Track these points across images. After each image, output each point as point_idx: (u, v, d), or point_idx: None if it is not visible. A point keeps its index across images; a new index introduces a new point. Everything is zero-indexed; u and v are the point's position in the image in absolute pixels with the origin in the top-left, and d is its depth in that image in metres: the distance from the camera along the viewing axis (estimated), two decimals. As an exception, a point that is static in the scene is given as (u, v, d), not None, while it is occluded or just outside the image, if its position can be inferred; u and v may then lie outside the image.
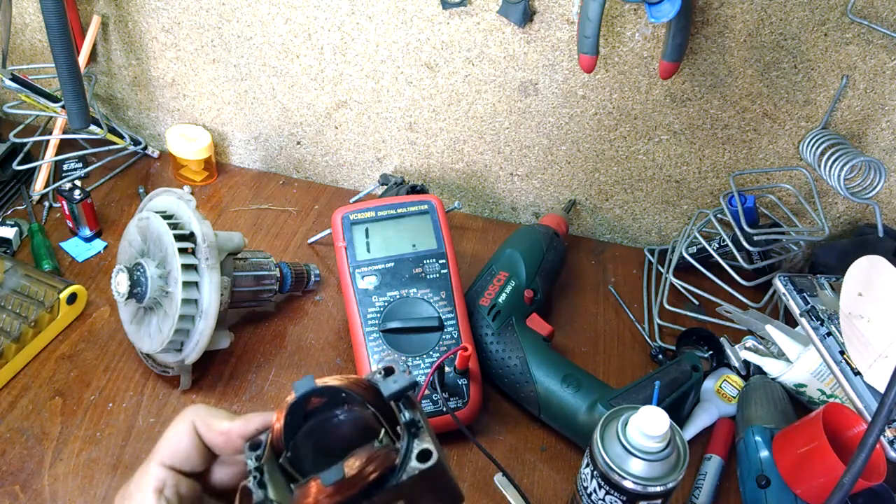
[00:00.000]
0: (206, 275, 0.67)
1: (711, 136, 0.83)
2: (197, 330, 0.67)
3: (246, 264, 0.75)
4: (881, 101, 0.77)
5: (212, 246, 0.67)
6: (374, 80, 0.88)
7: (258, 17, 0.86)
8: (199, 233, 0.67)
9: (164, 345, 0.67)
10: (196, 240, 0.67)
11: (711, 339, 0.78)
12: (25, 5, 0.94)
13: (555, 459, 0.70)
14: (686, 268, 0.86)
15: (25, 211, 0.89)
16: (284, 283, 0.79)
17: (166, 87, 0.96)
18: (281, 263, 0.79)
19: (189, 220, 0.69)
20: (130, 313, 0.72)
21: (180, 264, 0.65)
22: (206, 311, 0.67)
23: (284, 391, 0.73)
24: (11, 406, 0.69)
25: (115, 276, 0.68)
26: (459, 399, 0.67)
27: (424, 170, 0.95)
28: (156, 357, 0.72)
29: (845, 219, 0.87)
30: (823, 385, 0.70)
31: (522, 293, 0.75)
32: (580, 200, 0.93)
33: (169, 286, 0.67)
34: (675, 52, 0.73)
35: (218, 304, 0.67)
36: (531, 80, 0.83)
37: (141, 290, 0.67)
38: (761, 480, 0.64)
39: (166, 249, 0.67)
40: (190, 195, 0.72)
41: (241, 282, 0.74)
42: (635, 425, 0.53)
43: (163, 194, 0.73)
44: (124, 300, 0.68)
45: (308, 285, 0.83)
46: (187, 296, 0.66)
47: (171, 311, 0.66)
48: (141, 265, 0.68)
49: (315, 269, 0.83)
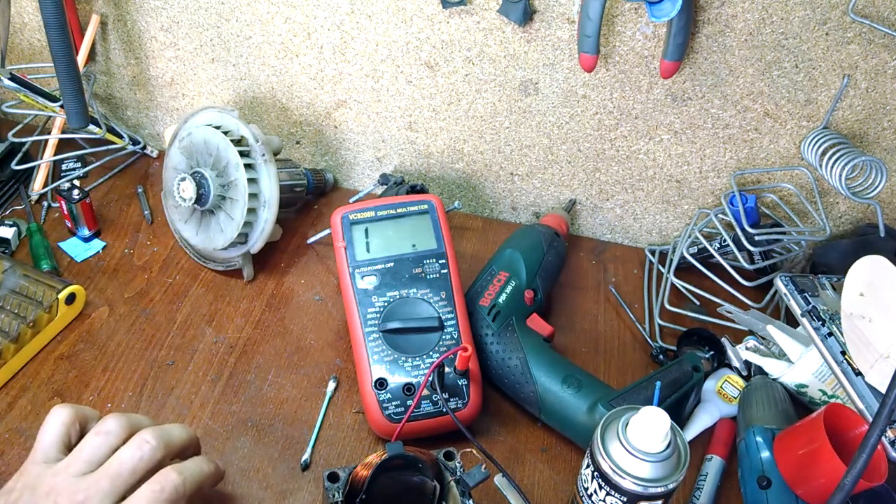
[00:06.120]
0: (263, 169, 0.77)
1: (712, 136, 0.83)
2: (261, 220, 0.78)
3: (282, 163, 0.87)
4: (882, 100, 0.77)
5: (264, 143, 0.77)
6: (373, 79, 0.87)
7: (257, 16, 0.86)
8: (249, 135, 0.78)
9: (234, 239, 0.77)
10: (248, 142, 0.77)
11: (712, 339, 0.77)
12: (24, 4, 0.94)
13: (555, 460, 0.69)
14: (687, 268, 0.85)
15: (24, 211, 0.89)
16: (309, 183, 0.91)
17: (165, 86, 0.96)
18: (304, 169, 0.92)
19: (237, 126, 0.78)
20: (187, 218, 0.82)
21: (242, 164, 0.75)
22: (268, 201, 0.77)
23: (284, 391, 0.72)
24: (10, 406, 0.69)
25: (176, 186, 0.78)
26: (459, 399, 0.67)
27: (424, 169, 0.95)
28: (217, 255, 0.82)
29: (847, 219, 0.87)
30: (825, 385, 0.70)
31: (523, 293, 0.75)
32: (580, 200, 0.93)
33: (229, 187, 0.77)
34: (676, 51, 0.73)
35: (278, 193, 0.78)
36: (531, 80, 0.83)
37: (205, 192, 0.77)
38: (762, 481, 0.64)
39: (222, 153, 0.76)
40: (231, 107, 0.83)
41: (282, 176, 0.84)
42: (636, 426, 0.53)
43: (201, 112, 0.82)
44: (190, 205, 0.78)
45: (326, 188, 0.96)
46: (251, 190, 0.76)
47: (239, 206, 0.76)
48: (199, 172, 0.77)
49: (329, 173, 0.96)
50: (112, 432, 0.53)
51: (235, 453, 0.67)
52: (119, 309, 0.79)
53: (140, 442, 0.52)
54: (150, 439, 0.52)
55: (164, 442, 0.53)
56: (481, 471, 0.55)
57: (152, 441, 0.52)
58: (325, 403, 0.72)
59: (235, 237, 0.78)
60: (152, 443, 0.52)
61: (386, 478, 0.54)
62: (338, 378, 0.74)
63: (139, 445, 0.52)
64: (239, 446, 0.68)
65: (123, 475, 0.50)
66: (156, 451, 0.52)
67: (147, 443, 0.52)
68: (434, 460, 0.56)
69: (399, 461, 0.55)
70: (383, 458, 0.54)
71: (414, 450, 0.56)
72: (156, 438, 0.52)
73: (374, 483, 0.53)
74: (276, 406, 0.71)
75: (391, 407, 0.66)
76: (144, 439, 0.52)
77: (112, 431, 0.53)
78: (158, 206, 0.91)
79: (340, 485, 0.55)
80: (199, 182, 0.77)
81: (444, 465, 0.56)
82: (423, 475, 0.55)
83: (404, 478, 0.55)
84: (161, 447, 0.53)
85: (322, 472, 0.57)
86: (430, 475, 0.55)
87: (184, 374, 0.73)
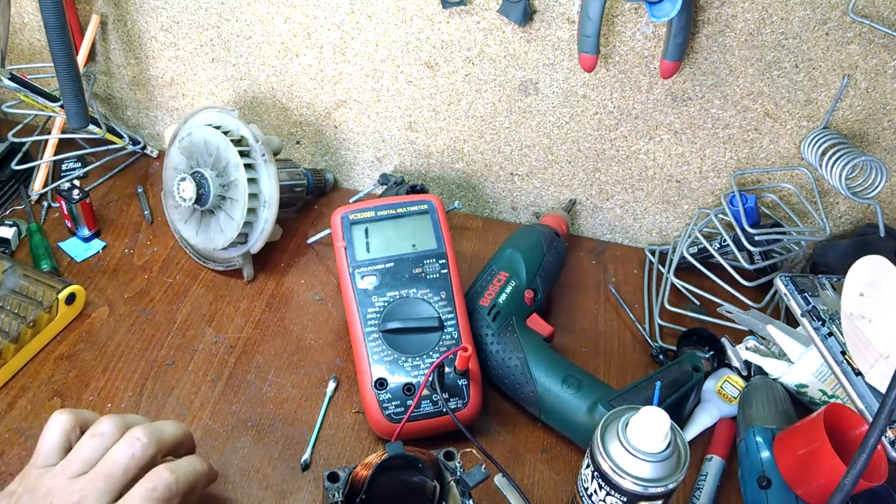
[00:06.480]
0: (263, 169, 0.77)
1: (712, 136, 0.83)
2: (261, 220, 0.78)
3: (282, 163, 0.86)
4: (882, 100, 0.77)
5: (264, 143, 0.77)
6: (373, 79, 0.87)
7: (257, 16, 0.86)
8: (249, 135, 0.78)
9: (234, 239, 0.77)
10: (248, 142, 0.77)
11: (712, 339, 0.77)
12: (24, 4, 0.94)
13: (555, 460, 0.69)
14: (687, 268, 0.85)
15: (24, 211, 0.89)
16: (309, 183, 0.91)
17: (165, 86, 0.96)
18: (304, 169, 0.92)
19: (237, 126, 0.78)
20: (187, 218, 0.82)
21: (242, 164, 0.75)
22: (268, 201, 0.77)
23: (284, 391, 0.72)
24: (10, 406, 0.69)
25: (176, 186, 0.78)
26: (459, 399, 0.67)
27: (424, 169, 0.95)
28: (217, 255, 0.81)
29: (847, 219, 0.87)
30: (825, 385, 0.70)
31: (523, 293, 0.75)
32: (580, 200, 0.93)
33: (229, 187, 0.77)
34: (676, 51, 0.73)
35: (278, 193, 0.78)
36: (531, 80, 0.83)
37: (205, 192, 0.77)
38: (762, 481, 0.64)
39: (222, 153, 0.76)
40: (231, 107, 0.82)
41: (282, 176, 0.84)
42: (636, 426, 0.53)
43: (201, 112, 0.81)
44: (190, 205, 0.78)
45: (326, 188, 0.96)
46: (251, 190, 0.76)
47: (239, 206, 0.76)
48: (199, 172, 0.77)
49: (328, 173, 0.96)
50: (107, 434, 0.53)
51: (235, 453, 0.67)
52: (119, 309, 0.79)
53: (131, 440, 0.52)
54: (140, 436, 0.52)
55: (155, 438, 0.53)
56: (481, 471, 0.55)
57: (143, 438, 0.52)
58: (325, 403, 0.72)
59: (235, 237, 0.78)
60: (143, 440, 0.52)
61: (386, 478, 0.54)
62: (338, 378, 0.74)
63: (130, 443, 0.52)
64: (239, 446, 0.68)
65: (116, 474, 0.51)
66: (147, 448, 0.52)
67: (138, 440, 0.52)
68: (434, 460, 0.56)
69: (399, 461, 0.55)
70: (383, 458, 0.54)
71: (414, 450, 0.56)
72: (147, 435, 0.53)
73: (374, 483, 0.53)
74: (276, 406, 0.71)
75: (391, 407, 0.66)
76: (136, 437, 0.52)
77: (107, 433, 0.53)
78: (158, 206, 0.91)
79: (340, 485, 0.55)
80: (199, 182, 0.77)
81: (444, 465, 0.56)
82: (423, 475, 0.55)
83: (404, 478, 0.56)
84: (152, 443, 0.53)
85: (322, 472, 0.57)
86: (430, 475, 0.55)
87: (184, 374, 0.73)
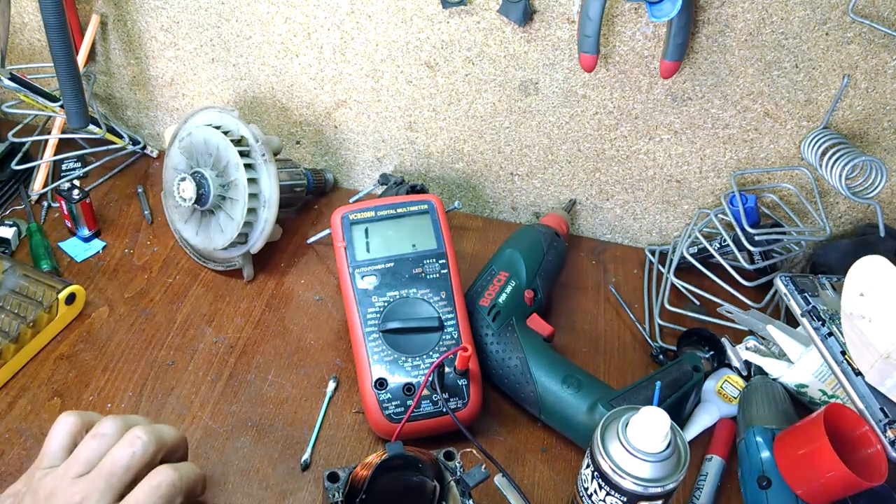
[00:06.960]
0: (263, 168, 0.77)
1: (712, 136, 0.83)
2: (261, 220, 0.78)
3: (282, 163, 0.86)
4: (882, 100, 0.77)
5: (264, 143, 0.77)
6: (373, 79, 0.87)
7: (257, 16, 0.86)
8: (249, 135, 0.78)
9: (234, 239, 0.77)
10: (248, 142, 0.77)
11: (712, 339, 0.77)
12: (24, 4, 0.94)
13: (555, 460, 0.69)
14: (687, 268, 0.85)
15: (24, 211, 0.89)
16: (309, 183, 0.91)
17: (165, 86, 0.96)
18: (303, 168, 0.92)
19: (237, 126, 0.78)
20: (187, 218, 0.82)
21: (242, 164, 0.75)
22: (269, 201, 0.77)
23: (284, 391, 0.72)
24: (10, 407, 0.69)
25: (176, 186, 0.78)
26: (459, 399, 0.67)
27: (424, 169, 0.95)
28: (217, 255, 0.81)
29: (847, 219, 0.87)
30: (825, 385, 0.70)
31: (523, 293, 0.75)
32: (580, 200, 0.93)
33: (229, 187, 0.77)
34: (676, 51, 0.73)
35: (278, 193, 0.78)
36: (531, 80, 0.83)
37: (205, 192, 0.77)
38: (762, 481, 0.64)
39: (222, 153, 0.76)
40: (231, 107, 0.82)
41: (282, 176, 0.84)
42: (636, 426, 0.53)
43: (201, 112, 0.82)
44: (190, 205, 0.78)
45: (326, 188, 0.96)
46: (251, 190, 0.76)
47: (239, 206, 0.76)
48: (199, 172, 0.77)
49: (328, 173, 0.96)
50: (108, 434, 0.53)
51: (235, 453, 0.67)
52: (119, 309, 0.79)
53: (132, 438, 0.52)
54: (141, 435, 0.53)
55: (155, 437, 0.53)
56: (481, 471, 0.55)
57: (143, 437, 0.53)
58: (325, 403, 0.72)
59: (235, 237, 0.78)
60: (144, 438, 0.52)
61: (386, 478, 0.54)
62: (338, 378, 0.74)
63: (131, 442, 0.52)
64: (239, 446, 0.68)
65: (117, 473, 0.51)
66: (147, 447, 0.52)
67: (139, 438, 0.52)
68: (434, 460, 0.56)
69: (399, 461, 0.55)
70: (383, 458, 0.54)
71: (414, 450, 0.56)
72: (147, 434, 0.53)
73: (374, 483, 0.53)
74: (276, 406, 0.71)
75: (391, 407, 0.66)
76: (136, 435, 0.53)
77: (108, 433, 0.53)
78: (158, 206, 0.91)
79: (340, 485, 0.55)
80: (199, 182, 0.77)
81: (444, 465, 0.56)
82: (423, 475, 0.55)
83: (404, 478, 0.55)
84: (153, 442, 0.53)
85: (322, 472, 0.57)
86: (430, 475, 0.55)
87: (184, 374, 0.73)
